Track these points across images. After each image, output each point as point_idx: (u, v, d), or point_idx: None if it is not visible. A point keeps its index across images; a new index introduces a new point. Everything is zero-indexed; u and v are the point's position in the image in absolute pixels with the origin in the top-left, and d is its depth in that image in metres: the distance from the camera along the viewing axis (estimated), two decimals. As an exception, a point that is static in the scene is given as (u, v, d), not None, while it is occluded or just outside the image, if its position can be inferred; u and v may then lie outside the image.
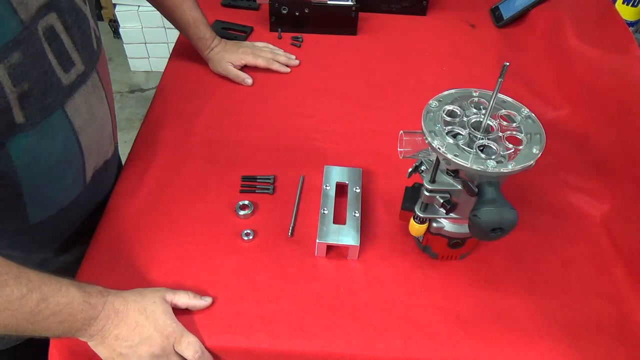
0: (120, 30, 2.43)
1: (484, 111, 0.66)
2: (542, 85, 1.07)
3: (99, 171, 0.79)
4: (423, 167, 0.69)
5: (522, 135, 0.64)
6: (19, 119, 0.60)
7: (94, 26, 0.72)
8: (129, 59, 2.56)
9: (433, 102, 0.67)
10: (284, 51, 1.13)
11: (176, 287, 0.70)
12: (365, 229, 0.79)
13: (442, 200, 0.66)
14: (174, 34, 1.17)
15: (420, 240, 0.76)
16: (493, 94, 0.61)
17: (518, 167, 0.59)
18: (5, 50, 0.55)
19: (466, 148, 0.62)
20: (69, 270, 0.75)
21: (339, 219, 0.78)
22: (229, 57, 1.05)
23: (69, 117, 0.67)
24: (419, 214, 0.69)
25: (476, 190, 0.61)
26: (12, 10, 0.56)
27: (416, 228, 0.71)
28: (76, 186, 0.74)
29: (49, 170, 0.68)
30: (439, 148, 0.61)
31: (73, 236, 0.80)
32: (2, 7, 0.55)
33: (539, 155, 0.61)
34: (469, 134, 0.64)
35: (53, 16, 0.62)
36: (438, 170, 0.66)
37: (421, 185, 0.68)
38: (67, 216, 0.76)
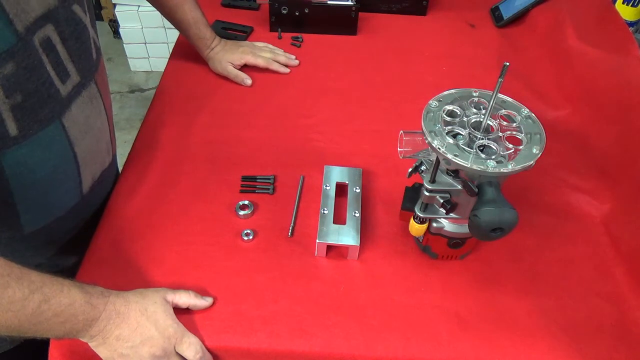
0: (120, 30, 2.43)
1: (484, 111, 0.66)
2: (542, 85, 1.07)
3: (97, 182, 0.78)
4: (423, 167, 0.69)
5: (522, 135, 0.64)
6: (13, 131, 0.59)
7: (93, 36, 0.72)
8: (129, 59, 2.56)
9: (433, 102, 0.67)
10: (284, 51, 1.13)
11: (176, 287, 0.70)
12: (365, 229, 0.79)
13: (442, 200, 0.66)
14: (174, 34, 1.17)
15: (420, 240, 0.76)
16: (493, 94, 0.61)
17: (518, 167, 0.59)
18: None
19: (466, 148, 0.62)
20: (65, 273, 0.74)
21: (339, 219, 0.78)
22: (229, 56, 1.05)
23: (65, 128, 0.66)
24: (419, 214, 0.69)
25: (476, 190, 0.61)
26: (7, 22, 0.55)
27: (416, 228, 0.71)
28: (72, 196, 0.74)
29: (43, 180, 0.67)
30: (439, 148, 0.61)
31: (69, 243, 0.80)
32: None
33: (539, 155, 0.61)
34: (469, 134, 0.64)
35: (50, 27, 0.61)
36: (438, 170, 0.66)
37: (421, 185, 0.68)
38: (63, 225, 0.76)
